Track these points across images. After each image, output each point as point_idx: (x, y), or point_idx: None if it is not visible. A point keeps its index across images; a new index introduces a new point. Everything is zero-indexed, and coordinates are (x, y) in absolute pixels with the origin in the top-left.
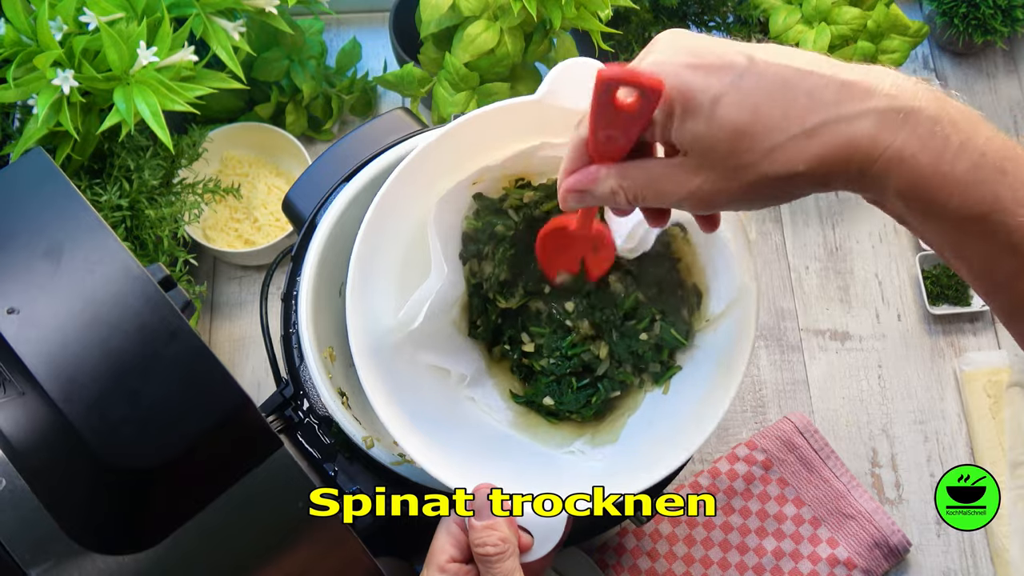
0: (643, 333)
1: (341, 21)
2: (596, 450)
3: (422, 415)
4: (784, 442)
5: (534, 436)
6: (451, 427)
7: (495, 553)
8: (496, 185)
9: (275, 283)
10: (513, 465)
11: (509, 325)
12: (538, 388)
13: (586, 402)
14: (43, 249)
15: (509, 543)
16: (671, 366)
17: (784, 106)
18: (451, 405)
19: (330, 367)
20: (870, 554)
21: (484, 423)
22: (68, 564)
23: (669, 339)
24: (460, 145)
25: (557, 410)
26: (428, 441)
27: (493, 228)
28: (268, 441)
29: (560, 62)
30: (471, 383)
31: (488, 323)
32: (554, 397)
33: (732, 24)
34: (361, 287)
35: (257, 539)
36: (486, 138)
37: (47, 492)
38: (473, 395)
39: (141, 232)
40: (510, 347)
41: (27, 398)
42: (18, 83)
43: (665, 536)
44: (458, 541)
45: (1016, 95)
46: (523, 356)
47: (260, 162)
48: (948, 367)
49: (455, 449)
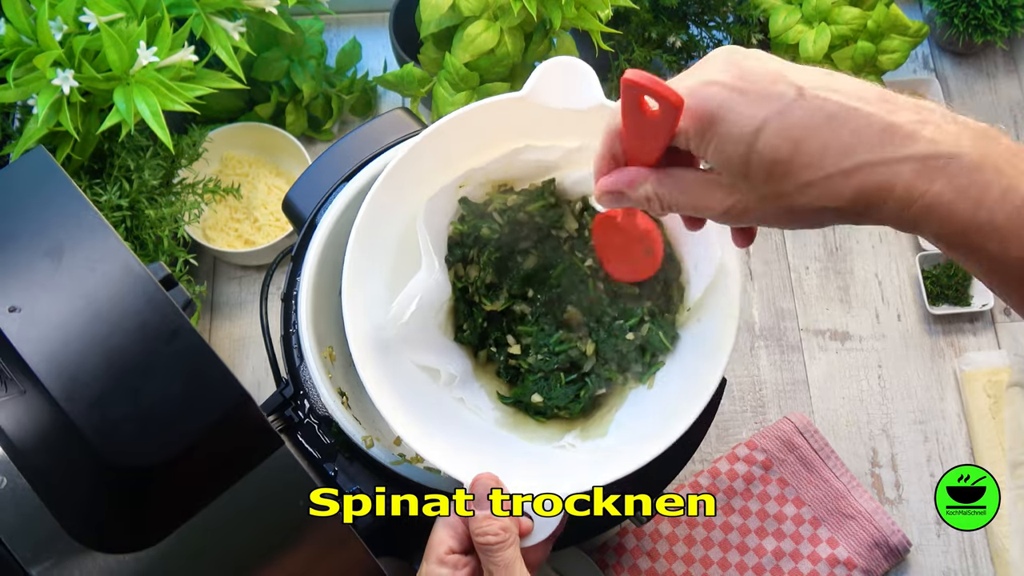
0: (630, 333)
1: (341, 21)
2: (586, 443)
3: (415, 410)
4: (784, 442)
5: (522, 435)
6: (441, 424)
7: (496, 542)
8: (481, 191)
9: (275, 283)
10: (508, 457)
11: (495, 328)
12: (526, 387)
13: (575, 396)
14: (44, 248)
15: (510, 531)
16: (654, 364)
17: (825, 142)
18: (440, 404)
19: (330, 367)
20: (870, 554)
21: (472, 422)
22: (69, 562)
23: (656, 342)
24: (449, 143)
25: (545, 407)
26: (428, 433)
27: (478, 232)
28: (269, 440)
29: (544, 61)
30: (460, 384)
31: (474, 327)
32: (542, 393)
33: (732, 24)
34: (354, 284)
35: (258, 538)
36: (473, 137)
37: (48, 491)
38: (462, 395)
39: (141, 232)
40: (496, 349)
41: (28, 396)
42: (18, 83)
43: (665, 536)
44: (457, 533)
45: (1016, 95)
46: (509, 358)
47: (260, 162)
48: (948, 367)
49: (447, 444)
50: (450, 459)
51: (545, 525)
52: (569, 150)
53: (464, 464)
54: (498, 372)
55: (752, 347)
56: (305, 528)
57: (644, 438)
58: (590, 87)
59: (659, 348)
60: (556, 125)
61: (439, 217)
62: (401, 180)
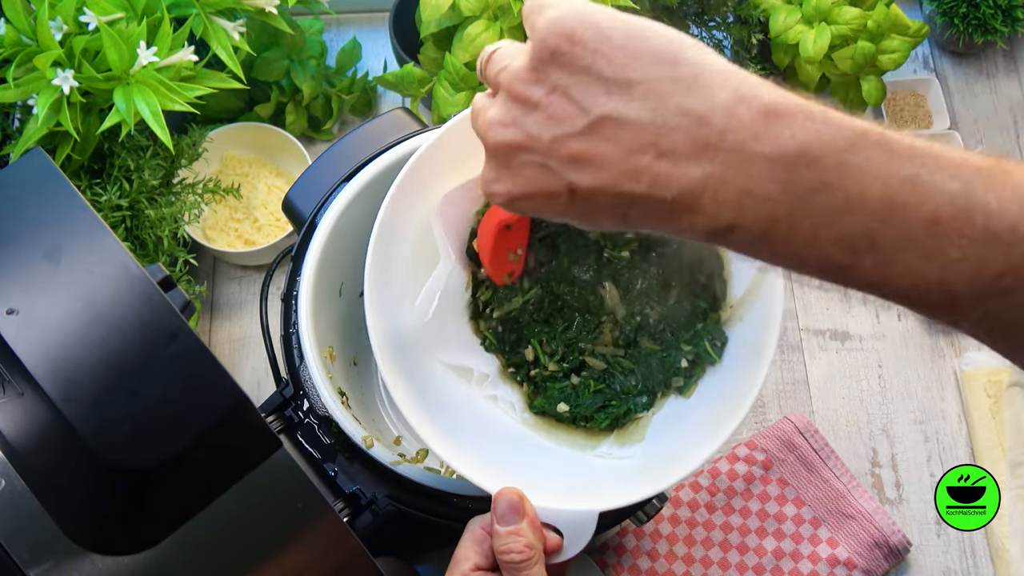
0: (685, 344)
1: (341, 21)
2: (623, 449)
3: (445, 415)
4: (784, 442)
5: (556, 439)
6: (474, 428)
7: (520, 560)
8: None
9: (275, 283)
10: (543, 466)
11: (509, 330)
12: (550, 395)
13: (602, 405)
14: (43, 250)
15: (534, 549)
16: (694, 375)
17: None
18: (471, 405)
19: (330, 367)
20: (870, 554)
21: (506, 424)
22: (67, 565)
23: (702, 351)
24: (470, 136)
25: (573, 416)
26: (455, 443)
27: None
28: (267, 442)
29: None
30: (492, 383)
31: (492, 327)
32: (569, 401)
33: (732, 24)
34: (378, 286)
35: (256, 540)
36: None
37: (46, 493)
38: (495, 393)
39: (141, 232)
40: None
41: (26, 399)
42: (18, 83)
43: (665, 536)
44: (483, 548)
45: (1016, 95)
46: (530, 367)
47: (260, 162)
48: (948, 367)
49: (480, 450)
50: (478, 469)
51: (577, 538)
52: None
53: (493, 473)
54: (520, 380)
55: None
56: (304, 529)
57: (686, 444)
58: None
59: (705, 359)
60: None
61: (461, 209)
62: (422, 177)
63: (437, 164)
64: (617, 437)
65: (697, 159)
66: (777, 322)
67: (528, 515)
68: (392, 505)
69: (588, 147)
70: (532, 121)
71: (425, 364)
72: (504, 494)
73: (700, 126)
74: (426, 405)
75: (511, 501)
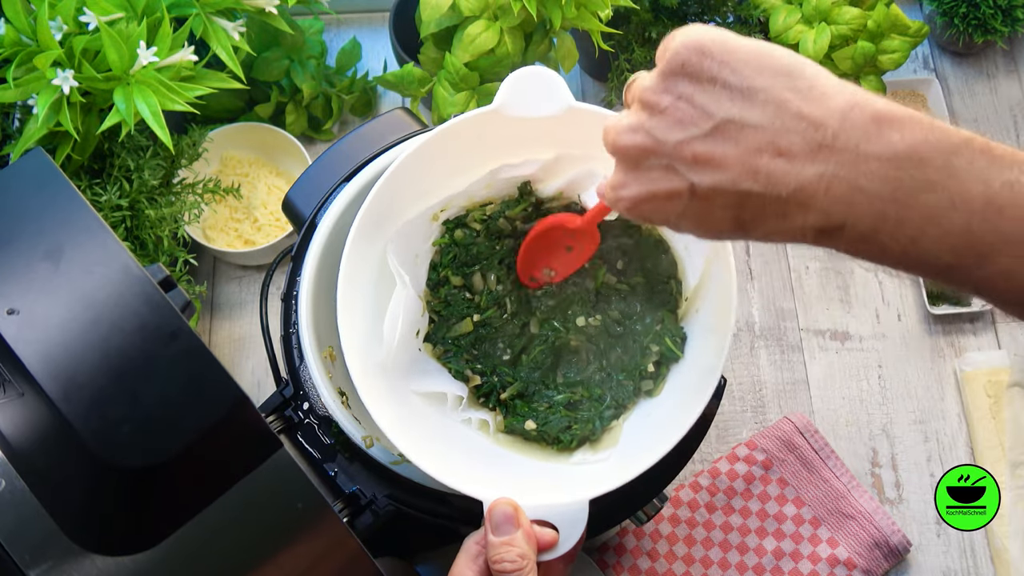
0: (651, 343)
1: (341, 21)
2: (598, 454)
3: (428, 438)
4: (784, 442)
5: (533, 455)
6: (459, 448)
7: (513, 570)
8: (459, 211)
9: (275, 283)
10: (521, 475)
11: (463, 351)
12: (516, 415)
13: (567, 426)
14: (43, 250)
15: (527, 559)
16: (660, 375)
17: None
18: (450, 428)
19: (330, 367)
20: (870, 554)
21: (482, 443)
22: (67, 565)
23: (666, 350)
24: (423, 172)
25: (540, 434)
26: (444, 462)
27: (454, 237)
28: (267, 442)
29: (511, 73)
30: (465, 406)
31: (452, 349)
32: (536, 420)
33: (732, 24)
34: (349, 320)
35: (256, 540)
36: (448, 159)
37: (46, 493)
38: (468, 416)
39: (141, 232)
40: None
41: (27, 399)
42: (18, 83)
43: (665, 536)
44: (478, 564)
45: (1016, 95)
46: (491, 389)
47: (260, 162)
48: (948, 367)
49: (468, 466)
50: (470, 483)
51: (571, 530)
52: (545, 162)
53: (482, 484)
54: (492, 406)
55: (752, 347)
56: (304, 529)
57: (659, 429)
58: (558, 92)
59: (669, 357)
60: (529, 138)
61: (416, 241)
62: (378, 216)
63: (391, 202)
64: (591, 445)
65: (812, 159)
66: (733, 295)
67: (523, 526)
68: (392, 505)
69: (711, 148)
70: (660, 126)
71: (402, 392)
72: (499, 505)
73: (816, 129)
74: (409, 430)
75: (505, 512)
